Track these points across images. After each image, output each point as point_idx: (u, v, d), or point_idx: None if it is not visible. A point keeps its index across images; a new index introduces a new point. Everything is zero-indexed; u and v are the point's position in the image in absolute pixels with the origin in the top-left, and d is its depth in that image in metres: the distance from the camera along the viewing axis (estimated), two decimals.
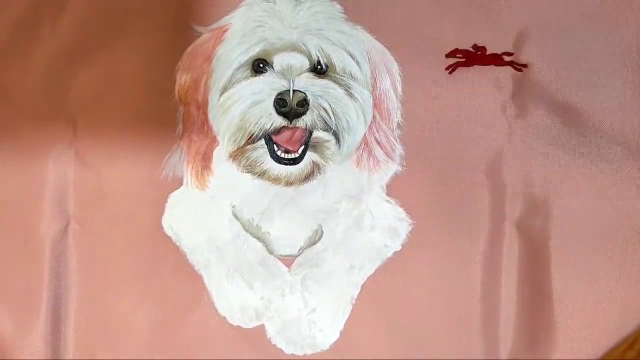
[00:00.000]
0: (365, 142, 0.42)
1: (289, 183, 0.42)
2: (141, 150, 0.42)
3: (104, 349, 0.42)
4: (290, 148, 0.41)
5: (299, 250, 0.42)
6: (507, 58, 0.41)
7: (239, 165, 0.42)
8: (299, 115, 0.40)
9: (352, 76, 0.41)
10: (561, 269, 0.41)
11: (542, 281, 0.41)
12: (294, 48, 0.41)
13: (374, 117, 0.41)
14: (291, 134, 0.41)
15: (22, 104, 0.42)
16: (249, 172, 0.42)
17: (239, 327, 0.42)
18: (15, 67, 0.42)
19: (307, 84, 0.40)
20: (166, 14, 0.42)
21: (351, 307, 0.42)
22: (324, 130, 0.41)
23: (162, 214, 0.42)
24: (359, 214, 0.42)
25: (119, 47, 0.42)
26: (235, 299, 0.42)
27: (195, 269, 0.42)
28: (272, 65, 0.41)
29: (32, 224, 0.42)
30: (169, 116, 0.42)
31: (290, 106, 0.40)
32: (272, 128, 0.40)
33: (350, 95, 0.41)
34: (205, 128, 0.42)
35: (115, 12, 0.42)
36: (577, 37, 0.41)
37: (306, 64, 0.41)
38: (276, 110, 0.40)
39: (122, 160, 0.42)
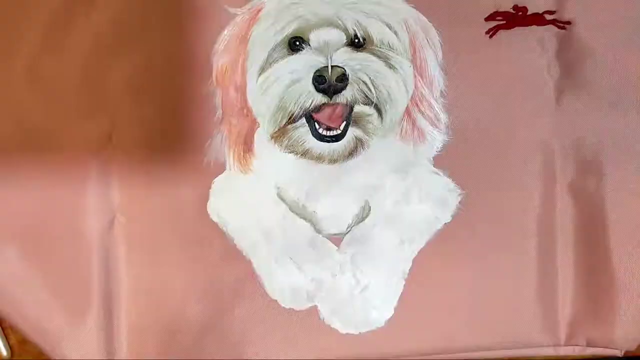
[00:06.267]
0: (408, 113, 0.41)
1: (332, 160, 0.41)
2: (182, 137, 0.42)
3: (157, 341, 0.41)
4: (332, 125, 0.40)
5: (347, 228, 0.42)
6: (549, 17, 0.40)
7: (281, 146, 0.41)
8: (338, 90, 0.39)
9: (390, 47, 0.40)
10: (619, 230, 0.40)
11: (599, 244, 0.40)
12: (329, 23, 0.40)
13: (415, 87, 0.41)
14: (332, 111, 0.40)
15: (62, 99, 0.42)
16: (291, 152, 0.41)
17: (291, 309, 0.41)
18: (53, 63, 0.41)
19: (345, 58, 0.39)
20: None
21: (404, 282, 0.41)
22: (365, 104, 0.40)
23: (206, 200, 0.42)
24: (406, 187, 0.41)
25: (153, 35, 0.41)
26: (285, 281, 0.41)
27: (243, 253, 0.42)
28: (308, 43, 0.40)
29: (78, 219, 0.42)
30: (208, 101, 0.41)
31: (329, 82, 0.39)
32: (312, 106, 0.40)
33: (390, 66, 0.40)
34: (245, 111, 0.41)
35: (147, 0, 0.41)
36: None
37: (343, 39, 0.40)
38: (315, 87, 0.39)
39: (165, 148, 0.42)
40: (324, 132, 0.41)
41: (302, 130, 0.41)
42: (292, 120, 0.40)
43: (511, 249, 0.41)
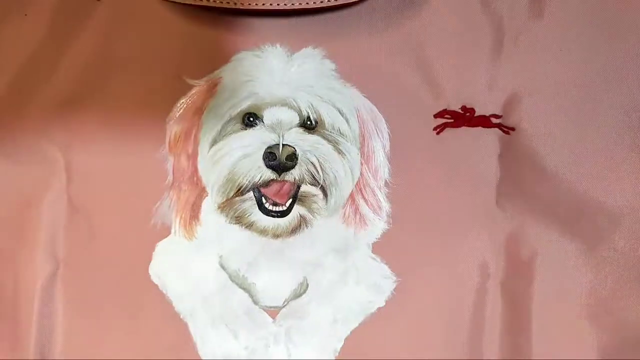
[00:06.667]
0: (352, 198, 0.42)
1: (276, 235, 0.42)
2: (131, 197, 0.42)
3: None
4: (278, 201, 0.41)
5: (284, 302, 0.43)
6: (495, 120, 0.41)
7: (227, 216, 0.42)
8: (287, 169, 0.40)
9: (340, 133, 0.41)
10: (542, 334, 0.41)
11: (523, 346, 0.41)
12: (284, 103, 0.41)
13: (361, 174, 0.42)
14: (279, 187, 0.41)
15: (18, 151, 0.42)
16: (237, 223, 0.42)
17: None
18: (12, 117, 0.42)
19: (297, 138, 0.41)
20: (159, 66, 0.42)
21: None
22: (312, 185, 0.41)
23: (149, 261, 0.42)
24: (344, 268, 0.42)
25: (112, 98, 0.42)
26: (219, 348, 0.42)
27: (181, 317, 0.42)
28: (262, 119, 0.41)
29: (22, 268, 0.42)
30: (160, 166, 0.42)
31: (279, 160, 0.40)
32: (261, 181, 0.41)
33: (339, 151, 0.41)
34: (195, 179, 0.42)
35: (108, 62, 0.42)
36: (570, 104, 0.41)
37: (296, 119, 0.41)
38: (265, 163, 0.40)
39: (113, 207, 0.42)
40: (270, 207, 0.42)
41: (249, 203, 0.42)
42: (240, 192, 0.41)
43: (443, 336, 0.42)
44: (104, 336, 0.42)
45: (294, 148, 0.40)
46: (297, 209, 0.42)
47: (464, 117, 0.41)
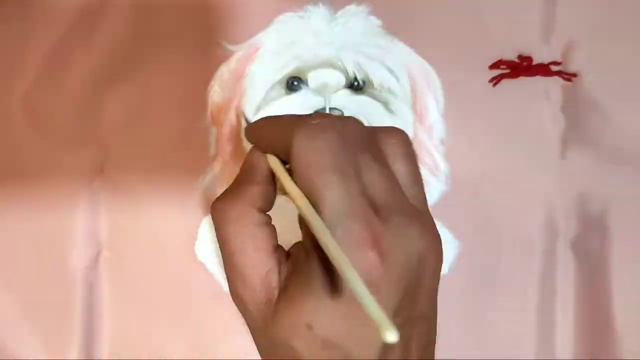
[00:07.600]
0: None
1: None
2: (174, 173, 0.41)
3: None
4: None
5: None
6: (555, 68, 0.39)
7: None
8: None
9: (390, 91, 0.39)
10: (623, 293, 0.38)
11: (602, 305, 0.38)
12: (329, 64, 0.39)
13: (415, 133, 0.40)
14: None
15: (54, 130, 0.41)
16: (284, 194, 0.40)
17: None
18: (48, 94, 0.41)
19: (344, 101, 0.39)
20: (197, 33, 0.40)
21: None
22: None
23: (195, 239, 0.40)
24: None
25: (149, 70, 0.41)
26: None
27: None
28: (307, 83, 0.39)
29: (64, 252, 0.40)
30: (202, 138, 0.41)
31: None
32: None
33: (389, 111, 0.39)
34: (239, 150, 0.40)
35: (145, 34, 0.41)
36: (630, 44, 0.39)
37: (342, 81, 0.39)
38: None
39: (155, 184, 0.41)
40: None
41: None
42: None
43: (509, 303, 0.39)
44: (151, 319, 0.40)
45: (342, 111, 0.38)
46: None
47: (522, 67, 0.39)
